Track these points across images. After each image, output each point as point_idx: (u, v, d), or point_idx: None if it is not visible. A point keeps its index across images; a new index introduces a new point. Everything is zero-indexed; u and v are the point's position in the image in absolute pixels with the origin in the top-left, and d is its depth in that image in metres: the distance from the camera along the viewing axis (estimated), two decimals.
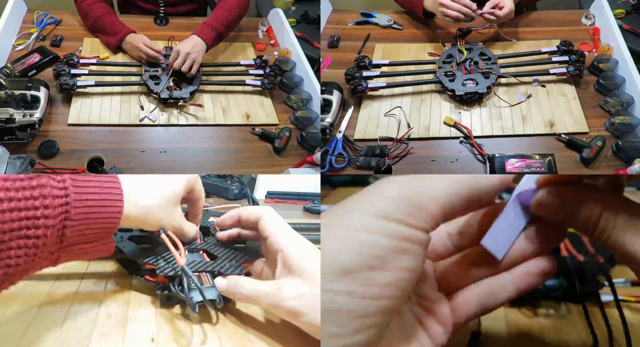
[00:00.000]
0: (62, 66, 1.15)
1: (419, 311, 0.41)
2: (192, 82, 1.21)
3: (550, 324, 0.56)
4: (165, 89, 1.17)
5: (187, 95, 1.19)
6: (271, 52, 1.42)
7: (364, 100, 1.15)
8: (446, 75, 1.14)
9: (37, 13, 1.35)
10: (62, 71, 1.14)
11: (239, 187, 1.33)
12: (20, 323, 0.56)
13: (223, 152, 1.14)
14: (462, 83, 1.12)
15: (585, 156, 1.01)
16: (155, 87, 1.18)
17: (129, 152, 1.09)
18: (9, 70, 1.17)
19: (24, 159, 1.01)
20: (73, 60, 1.19)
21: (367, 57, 1.19)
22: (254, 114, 1.23)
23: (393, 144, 1.04)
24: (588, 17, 1.32)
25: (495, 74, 1.12)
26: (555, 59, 1.17)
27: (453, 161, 1.03)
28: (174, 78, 1.20)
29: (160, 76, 1.20)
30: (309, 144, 1.17)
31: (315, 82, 1.28)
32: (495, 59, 1.16)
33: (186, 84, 1.20)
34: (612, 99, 1.10)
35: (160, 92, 1.16)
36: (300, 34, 1.48)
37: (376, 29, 1.35)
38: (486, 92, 1.11)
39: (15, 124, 1.02)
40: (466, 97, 1.10)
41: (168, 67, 1.20)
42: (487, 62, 1.16)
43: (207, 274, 0.61)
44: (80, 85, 1.15)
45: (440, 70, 1.15)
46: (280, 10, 1.50)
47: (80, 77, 1.17)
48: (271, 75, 1.28)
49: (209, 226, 0.77)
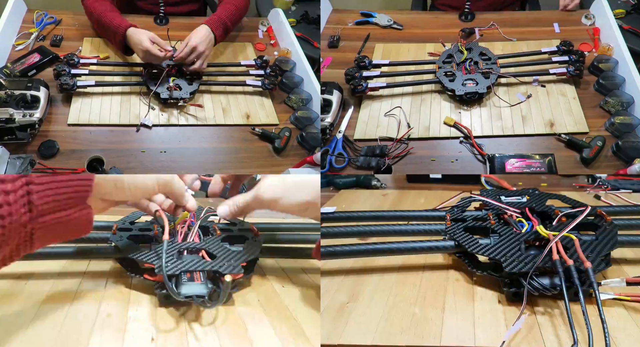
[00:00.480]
0: (63, 66, 1.15)
1: None
2: (193, 82, 1.21)
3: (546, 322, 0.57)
4: (166, 89, 1.17)
5: (187, 95, 1.18)
6: (271, 52, 1.42)
7: (364, 100, 1.15)
8: (446, 75, 1.14)
9: (37, 13, 1.35)
10: (63, 71, 1.14)
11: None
12: (20, 322, 0.56)
13: (223, 152, 1.14)
14: (462, 83, 1.12)
15: (585, 156, 1.01)
16: (155, 87, 1.17)
17: (129, 152, 1.09)
18: (9, 70, 1.17)
19: (24, 159, 1.01)
20: (73, 60, 1.19)
21: (367, 57, 1.20)
22: (254, 114, 1.23)
23: (393, 144, 1.04)
24: (588, 17, 1.32)
25: (495, 73, 1.12)
26: (555, 59, 1.17)
27: (453, 161, 1.03)
28: (173, 78, 1.20)
29: (160, 76, 1.19)
30: (309, 144, 1.16)
31: (315, 82, 1.28)
32: (495, 59, 1.16)
33: (187, 84, 1.20)
34: (612, 99, 1.10)
35: (158, 91, 1.16)
36: (300, 34, 1.48)
37: (376, 29, 1.35)
38: (486, 92, 1.11)
39: (15, 124, 1.02)
40: (466, 97, 1.10)
41: (175, 59, 1.18)
42: (487, 62, 1.16)
43: (200, 273, 0.62)
44: (81, 85, 1.15)
45: (440, 71, 1.15)
46: (280, 10, 1.50)
47: (81, 77, 1.17)
48: (272, 75, 1.28)
49: (208, 226, 0.77)
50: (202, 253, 0.68)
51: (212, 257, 0.66)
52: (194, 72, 1.21)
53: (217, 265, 0.63)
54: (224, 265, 0.63)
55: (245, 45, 1.43)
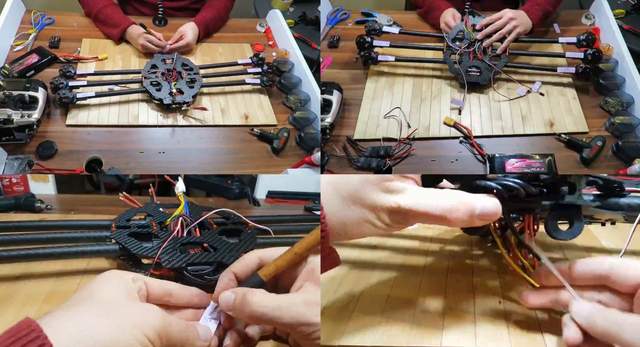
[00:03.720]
0: (59, 79, 1.12)
1: None
2: (194, 85, 1.21)
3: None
4: (168, 95, 1.16)
5: (190, 99, 1.17)
6: (270, 53, 1.42)
7: (364, 100, 1.14)
8: (452, 59, 1.14)
9: (35, 14, 1.34)
10: (60, 84, 1.11)
11: (239, 186, 1.33)
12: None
13: (222, 152, 1.14)
14: (466, 70, 1.12)
15: (585, 156, 1.01)
16: (157, 93, 1.16)
17: (127, 153, 1.09)
18: (7, 70, 1.16)
19: (22, 159, 1.00)
20: (70, 72, 1.16)
21: (378, 23, 1.21)
22: (253, 115, 1.23)
23: (397, 144, 1.04)
24: (588, 17, 1.32)
25: (503, 62, 1.13)
26: (569, 55, 1.16)
27: (453, 161, 1.03)
28: (175, 83, 1.19)
29: (161, 82, 1.18)
30: (308, 144, 1.16)
31: (314, 83, 1.28)
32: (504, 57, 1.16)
33: (188, 87, 1.19)
34: (612, 99, 1.10)
35: (161, 97, 1.16)
36: (298, 35, 1.48)
37: None
38: (487, 84, 1.12)
39: (13, 124, 1.01)
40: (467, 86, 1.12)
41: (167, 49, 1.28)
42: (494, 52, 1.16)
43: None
44: (81, 98, 1.12)
45: (448, 51, 1.15)
46: (278, 11, 1.50)
47: (79, 89, 1.15)
48: (269, 72, 1.28)
49: (204, 221, 0.77)
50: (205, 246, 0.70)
51: (214, 250, 0.69)
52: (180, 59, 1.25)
53: (220, 256, 0.66)
54: (226, 256, 0.66)
55: (243, 47, 1.43)
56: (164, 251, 0.66)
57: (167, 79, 1.19)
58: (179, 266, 0.63)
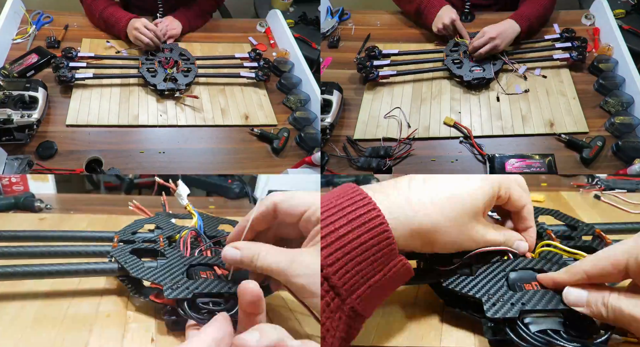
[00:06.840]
0: (61, 59, 1.17)
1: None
2: (188, 74, 1.22)
3: None
4: (162, 81, 1.18)
5: (183, 86, 1.20)
6: (270, 53, 1.42)
7: (364, 100, 1.14)
8: (454, 63, 1.16)
9: (32, 12, 1.34)
10: (61, 64, 1.15)
11: (239, 186, 1.33)
12: (19, 322, 0.56)
13: (222, 152, 1.14)
14: (469, 69, 1.15)
15: (585, 156, 1.01)
16: (152, 79, 1.19)
17: (127, 153, 1.09)
18: (7, 70, 1.17)
19: (22, 159, 1.00)
20: (71, 53, 1.20)
21: (377, 47, 1.22)
22: (253, 115, 1.23)
23: (397, 144, 1.04)
24: (588, 17, 1.32)
25: (503, 58, 1.16)
26: (558, 45, 1.20)
27: (453, 161, 1.03)
28: (170, 70, 1.21)
29: (157, 68, 1.21)
30: (308, 144, 1.16)
31: (314, 83, 1.28)
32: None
33: (182, 76, 1.21)
34: (612, 99, 1.10)
35: (155, 83, 1.18)
36: (298, 35, 1.48)
37: (376, 29, 1.35)
38: (493, 77, 1.14)
39: (13, 124, 1.01)
40: (474, 82, 1.13)
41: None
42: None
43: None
44: (79, 78, 1.16)
45: (448, 58, 1.17)
46: (278, 11, 1.50)
47: (79, 70, 1.18)
48: (265, 67, 1.29)
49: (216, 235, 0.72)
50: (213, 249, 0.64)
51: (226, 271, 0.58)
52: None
53: (235, 287, 0.50)
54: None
55: (243, 46, 1.43)
56: (167, 273, 0.57)
57: (163, 66, 1.21)
58: (183, 297, 0.52)
